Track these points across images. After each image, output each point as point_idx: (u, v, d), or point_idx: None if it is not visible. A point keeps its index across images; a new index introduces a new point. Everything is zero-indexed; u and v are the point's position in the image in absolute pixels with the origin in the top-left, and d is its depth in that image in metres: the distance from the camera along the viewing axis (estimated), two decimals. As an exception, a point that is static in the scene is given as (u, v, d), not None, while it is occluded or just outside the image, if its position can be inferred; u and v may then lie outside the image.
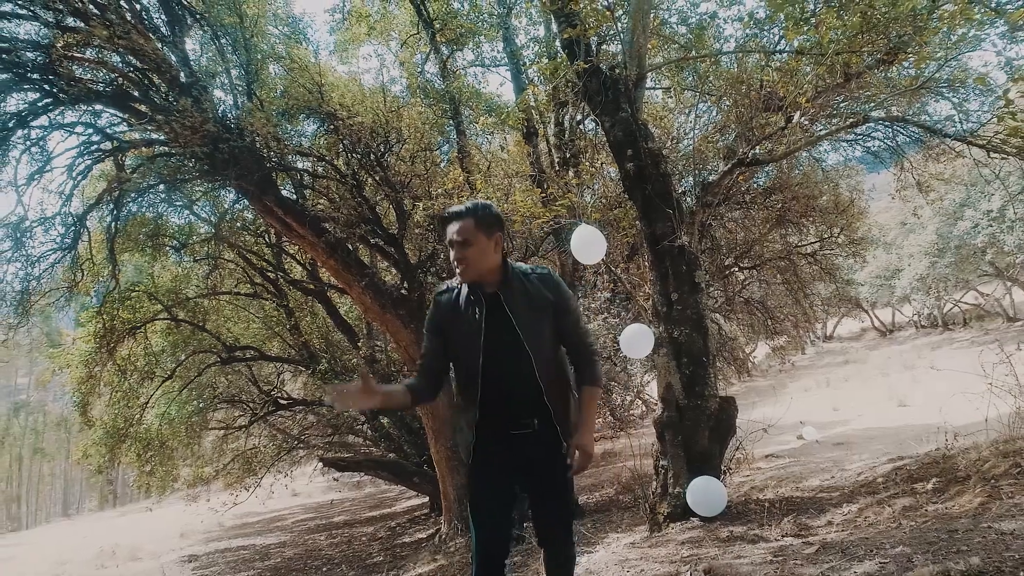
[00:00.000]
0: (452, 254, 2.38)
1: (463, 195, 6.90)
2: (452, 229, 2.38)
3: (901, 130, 5.85)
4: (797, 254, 9.55)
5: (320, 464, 16.09)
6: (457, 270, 2.38)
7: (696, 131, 8.58)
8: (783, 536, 3.63)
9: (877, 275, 28.41)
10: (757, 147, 4.91)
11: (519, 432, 2.39)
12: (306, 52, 9.64)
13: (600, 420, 12.50)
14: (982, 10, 4.79)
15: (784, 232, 9.75)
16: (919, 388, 15.69)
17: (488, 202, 2.47)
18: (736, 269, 10.22)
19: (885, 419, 13.13)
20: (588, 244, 4.94)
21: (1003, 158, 4.46)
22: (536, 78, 9.04)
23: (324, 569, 10.54)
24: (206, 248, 11.08)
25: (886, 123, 5.58)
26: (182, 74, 8.02)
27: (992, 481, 3.43)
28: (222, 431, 14.74)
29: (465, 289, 2.44)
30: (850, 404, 16.61)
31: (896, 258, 27.67)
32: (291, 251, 12.18)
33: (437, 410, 8.60)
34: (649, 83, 8.08)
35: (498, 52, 10.16)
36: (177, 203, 10.78)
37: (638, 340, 4.96)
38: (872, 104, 5.03)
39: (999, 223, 21.03)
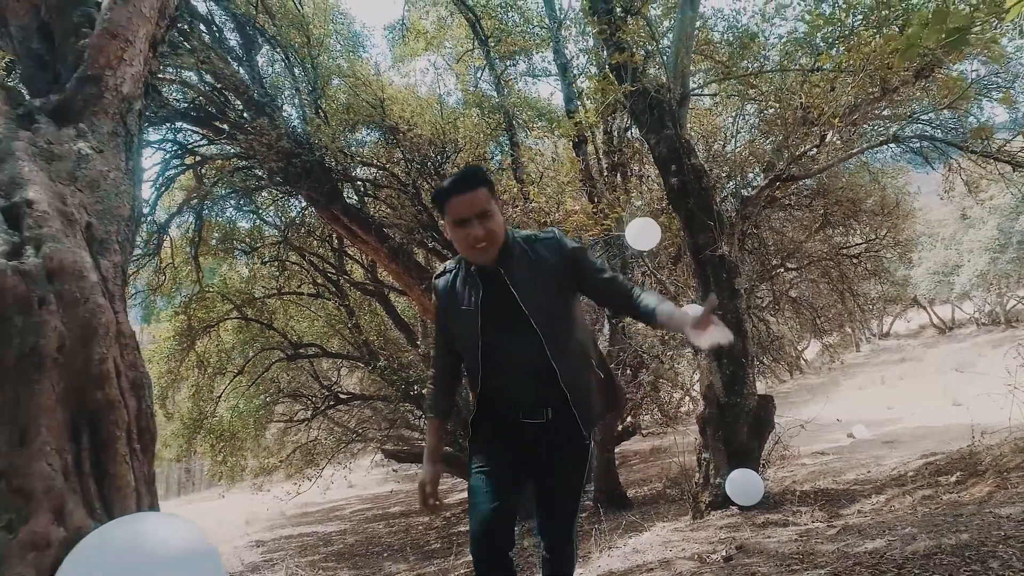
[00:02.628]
0: (466, 233, 2.01)
1: (517, 204, 7.34)
2: (463, 202, 2.00)
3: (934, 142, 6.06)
4: (843, 255, 9.72)
5: (377, 456, 16.81)
6: (478, 248, 2.01)
7: (739, 134, 8.89)
8: (812, 522, 4.00)
9: (935, 271, 27.74)
10: (794, 163, 5.22)
11: (531, 421, 2.09)
12: (366, 67, 10.23)
13: (648, 417, 12.79)
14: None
15: (830, 233, 9.92)
16: (975, 387, 15.47)
17: (479, 165, 2.33)
18: (782, 270, 10.43)
19: (938, 417, 13.07)
20: (642, 232, 5.32)
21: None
22: (585, 89, 9.42)
23: (385, 555, 11.06)
24: (276, 251, 11.78)
25: (916, 140, 5.82)
26: (255, 93, 8.69)
27: (1004, 473, 3.73)
28: (284, 424, 15.51)
29: (463, 269, 2.15)
30: (904, 402, 16.48)
31: (955, 254, 27.01)
32: (352, 253, 12.81)
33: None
34: (694, 86, 8.38)
35: (548, 62, 10.58)
36: (247, 209, 11.53)
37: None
38: (903, 121, 5.29)
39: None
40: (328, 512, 19.18)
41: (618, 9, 5.42)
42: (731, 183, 8.38)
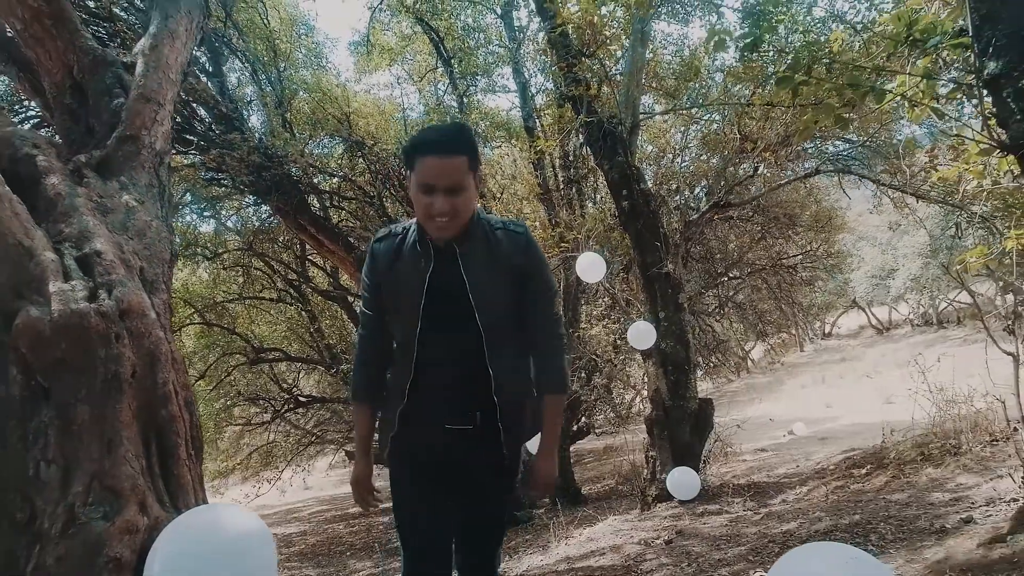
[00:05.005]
0: (429, 202, 1.70)
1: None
2: (434, 168, 1.68)
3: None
4: (780, 266, 10.46)
5: (335, 458, 17.03)
6: (438, 223, 1.72)
7: (688, 149, 9.52)
8: (743, 510, 4.58)
9: (872, 275, 29.14)
10: (731, 191, 5.81)
11: (455, 427, 1.84)
12: (332, 81, 10.53)
13: (601, 416, 13.37)
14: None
15: (770, 243, 10.66)
16: (907, 386, 16.31)
17: (466, 124, 1.93)
18: (726, 278, 11.14)
19: (872, 415, 13.87)
20: (591, 267, 5.84)
21: (928, 203, 5.38)
22: (542, 106, 9.93)
23: (348, 554, 11.29)
24: (240, 257, 11.96)
25: (833, 173, 6.50)
26: (224, 106, 8.93)
27: (902, 466, 4.37)
28: (241, 427, 15.58)
29: (413, 236, 1.85)
30: (842, 401, 17.35)
31: (891, 259, 28.43)
32: (314, 259, 13.06)
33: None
34: (644, 110, 8.97)
35: (507, 79, 11.08)
36: (208, 216, 11.71)
37: (644, 334, 5.76)
38: (833, 144, 5.94)
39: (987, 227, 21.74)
40: (286, 514, 19.22)
41: (575, 45, 5.93)
42: (678, 197, 9.02)
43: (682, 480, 4.92)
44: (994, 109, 2.15)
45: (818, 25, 6.40)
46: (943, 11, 2.46)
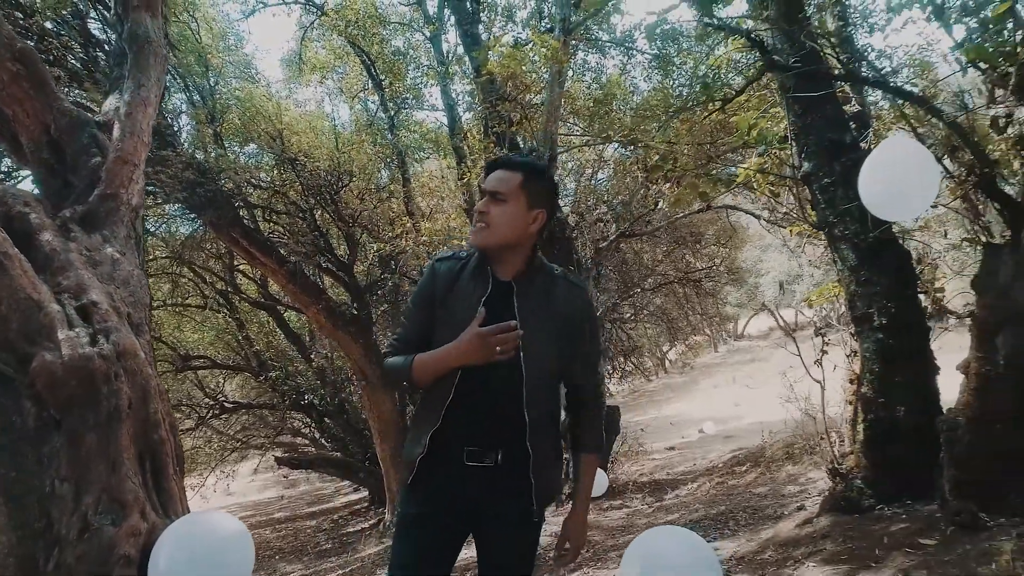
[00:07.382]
0: (477, 206, 1.85)
1: (409, 237, 8.28)
2: (490, 176, 1.85)
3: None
4: (687, 280, 11.39)
5: (260, 462, 17.08)
6: (475, 225, 1.83)
7: (606, 166, 10.26)
8: (641, 504, 5.29)
9: (780, 280, 31.04)
10: (635, 223, 6.55)
11: (475, 465, 1.80)
12: (263, 97, 10.72)
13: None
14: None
15: (678, 257, 11.58)
16: (804, 387, 17.67)
17: (548, 166, 1.96)
18: (640, 289, 12.01)
19: (773, 414, 15.02)
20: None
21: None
22: (468, 124, 10.49)
23: (276, 558, 11.51)
24: (166, 265, 11.97)
25: (724, 207, 7.38)
26: (155, 120, 9.05)
27: (771, 464, 5.18)
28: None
29: (474, 263, 1.88)
30: (749, 400, 18.57)
31: (796, 265, 30.38)
32: (244, 268, 13.15)
33: (383, 412, 9.95)
34: (564, 132, 9.65)
35: (436, 98, 11.61)
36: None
37: None
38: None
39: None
40: (209, 520, 18.90)
41: (499, 89, 6.54)
42: (596, 212, 9.74)
43: (590, 479, 5.57)
44: (808, 198, 2.86)
45: (714, 71, 7.22)
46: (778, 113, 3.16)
